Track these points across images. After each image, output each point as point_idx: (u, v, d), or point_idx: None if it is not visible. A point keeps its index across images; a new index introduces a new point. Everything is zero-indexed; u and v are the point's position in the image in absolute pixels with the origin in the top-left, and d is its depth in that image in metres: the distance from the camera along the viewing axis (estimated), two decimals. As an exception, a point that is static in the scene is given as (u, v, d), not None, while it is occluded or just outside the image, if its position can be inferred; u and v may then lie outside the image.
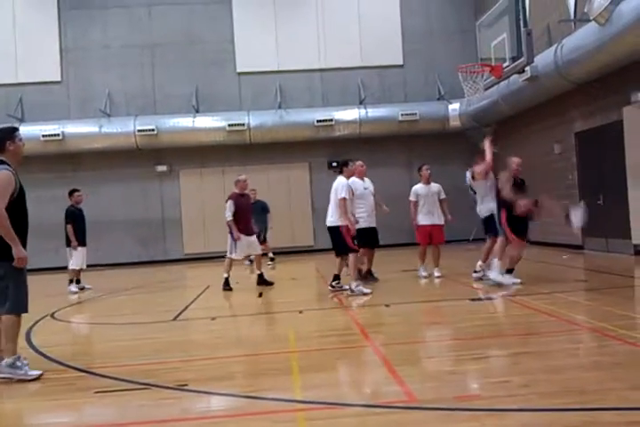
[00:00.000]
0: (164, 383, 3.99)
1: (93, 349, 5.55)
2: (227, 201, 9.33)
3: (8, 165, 4.39)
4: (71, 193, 10.75)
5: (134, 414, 3.49)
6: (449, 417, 3.11)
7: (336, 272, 8.17)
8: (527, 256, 8.62)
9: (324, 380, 3.96)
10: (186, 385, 3.92)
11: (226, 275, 9.10)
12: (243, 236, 9.13)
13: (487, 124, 15.45)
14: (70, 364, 4.70)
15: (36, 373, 4.29)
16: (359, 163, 8.78)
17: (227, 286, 9.03)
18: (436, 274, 9.02)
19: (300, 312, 6.65)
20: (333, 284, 8.10)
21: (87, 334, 6.68)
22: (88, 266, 10.81)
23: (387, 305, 6.76)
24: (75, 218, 10.42)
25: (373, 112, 16.68)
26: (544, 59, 11.08)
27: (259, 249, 9.55)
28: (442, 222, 9.21)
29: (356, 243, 7.90)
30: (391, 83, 17.60)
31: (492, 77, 11.16)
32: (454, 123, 16.40)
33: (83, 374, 4.42)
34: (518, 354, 4.37)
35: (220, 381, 4.05)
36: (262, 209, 13.29)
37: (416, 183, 9.69)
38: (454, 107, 16.29)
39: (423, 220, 9.16)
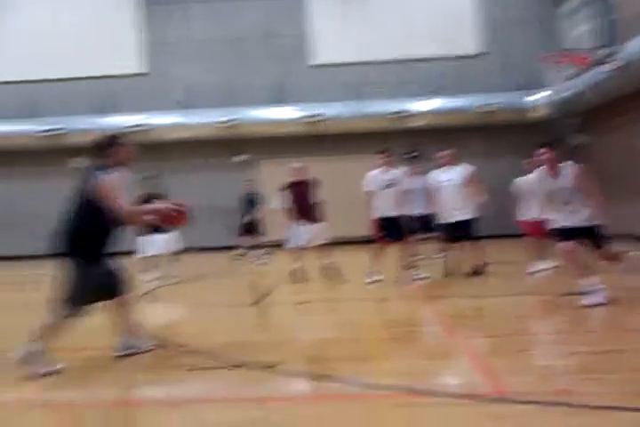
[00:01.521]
0: (253, 363, 4.13)
1: (186, 328, 5.79)
2: (280, 190, 9.29)
3: (109, 168, 4.46)
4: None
5: (225, 392, 3.64)
6: (539, 412, 3.06)
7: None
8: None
9: (409, 368, 3.99)
10: (274, 366, 4.05)
11: (294, 266, 9.01)
12: (302, 223, 8.99)
13: (571, 115, 14.92)
14: (164, 342, 4.93)
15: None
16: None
17: (296, 277, 8.91)
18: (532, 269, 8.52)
19: (384, 300, 6.69)
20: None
21: (180, 313, 6.95)
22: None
23: (474, 297, 6.68)
24: None
25: (449, 103, 16.43)
26: (634, 46, 10.58)
27: (322, 238, 9.25)
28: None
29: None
30: (468, 73, 17.24)
31: (577, 66, 10.78)
32: (534, 113, 15.92)
33: (175, 351, 4.64)
34: (614, 351, 4.25)
35: (308, 363, 4.17)
36: (251, 201, 13.46)
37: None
38: (535, 97, 15.81)
39: (525, 214, 8.72)
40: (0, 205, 18.39)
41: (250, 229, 12.93)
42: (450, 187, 8.51)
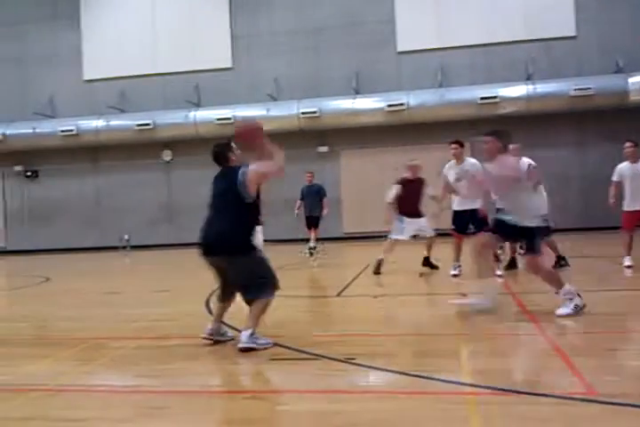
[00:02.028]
0: (333, 355, 4.14)
1: (266, 318, 5.86)
2: (394, 184, 9.33)
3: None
4: None
5: (307, 383, 3.67)
6: (632, 414, 2.89)
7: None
8: None
9: (493, 365, 3.86)
10: (354, 359, 4.03)
11: (381, 257, 8.99)
12: (407, 218, 9.04)
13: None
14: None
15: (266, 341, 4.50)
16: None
17: (378, 268, 8.82)
18: (626, 263, 8.06)
19: (464, 295, 6.53)
20: None
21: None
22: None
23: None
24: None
25: (542, 88, 15.73)
26: None
27: (430, 231, 9.21)
28: None
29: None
30: (562, 56, 16.44)
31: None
32: (636, 97, 14.96)
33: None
34: None
35: (387, 357, 4.12)
36: (317, 193, 12.90)
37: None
38: (636, 80, 14.84)
39: (628, 205, 8.17)
40: (91, 199, 19.43)
41: (314, 221, 12.67)
42: None
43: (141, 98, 18.66)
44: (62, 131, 18.18)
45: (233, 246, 4.45)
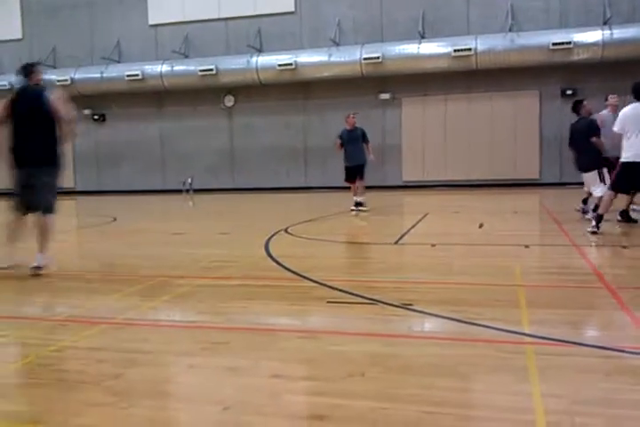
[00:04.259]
0: (390, 301, 4.17)
1: (323, 263, 5.95)
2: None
3: None
4: None
5: (362, 326, 3.72)
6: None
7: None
8: None
9: (554, 317, 3.80)
10: (411, 305, 4.05)
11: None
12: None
13: None
14: (304, 274, 5.14)
15: None
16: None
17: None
18: None
19: (527, 246, 6.41)
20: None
21: (317, 249, 7.12)
22: (314, 188, 11.45)
23: (624, 246, 6.20)
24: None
25: (620, 33, 14.77)
26: None
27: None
28: None
29: None
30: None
31: None
32: None
33: (315, 284, 4.80)
34: None
35: (445, 305, 4.11)
36: (362, 138, 11.21)
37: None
38: None
39: None
40: (155, 143, 19.85)
41: (360, 171, 11.15)
42: None
43: (205, 43, 18.63)
44: (128, 75, 18.44)
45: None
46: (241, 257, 6.30)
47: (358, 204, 10.94)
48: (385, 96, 17.40)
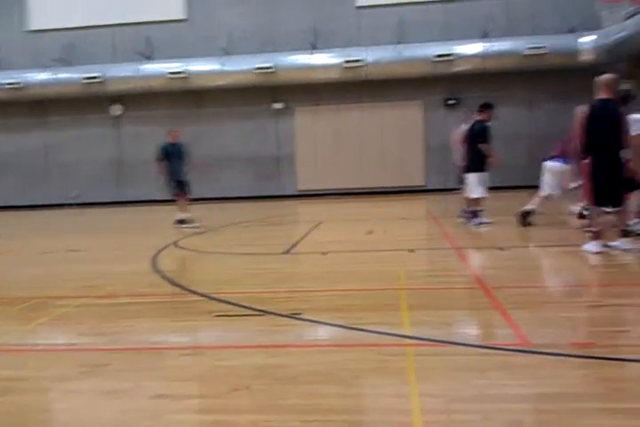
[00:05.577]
0: (279, 311, 4.19)
1: (212, 276, 5.89)
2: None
3: None
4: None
5: (250, 339, 3.71)
6: (562, 363, 3.03)
7: None
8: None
9: (433, 318, 3.98)
10: (300, 314, 4.09)
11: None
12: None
13: (622, 60, 14.15)
14: (191, 289, 5.05)
15: None
16: None
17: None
18: None
19: (411, 251, 6.66)
20: None
21: (207, 262, 7.06)
22: (207, 199, 11.31)
23: (500, 248, 6.60)
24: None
25: (498, 46, 15.74)
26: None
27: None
28: None
29: None
30: (517, 14, 16.45)
31: (634, 5, 10.12)
32: (586, 57, 15.16)
33: (203, 298, 4.73)
34: (641, 305, 4.15)
35: (333, 312, 4.19)
36: (183, 152, 10.88)
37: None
38: (587, 39, 15.00)
39: None
40: (37, 154, 18.80)
41: (183, 185, 10.68)
42: None
43: (90, 50, 17.92)
44: (8, 84, 17.37)
45: None
46: (127, 273, 6.09)
47: (182, 221, 10.45)
48: (278, 106, 17.51)
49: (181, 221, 10.38)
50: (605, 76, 6.00)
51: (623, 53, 13.95)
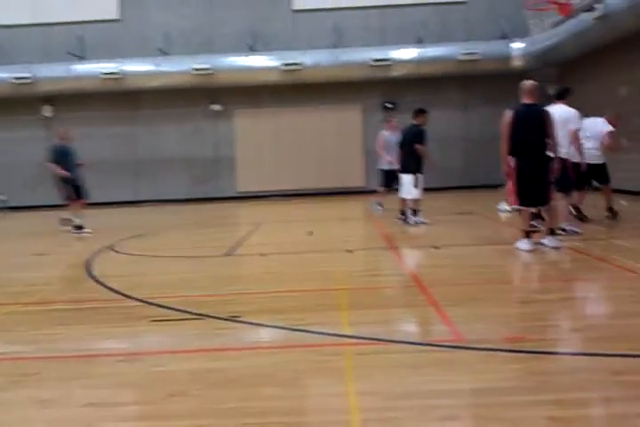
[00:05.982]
0: (218, 314, 4.14)
1: (149, 280, 5.76)
2: None
3: None
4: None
5: (187, 343, 3.66)
6: (494, 358, 3.12)
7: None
8: (586, 201, 8.36)
9: (371, 317, 4.02)
10: (239, 317, 4.06)
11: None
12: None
13: (552, 65, 14.76)
14: (128, 293, 4.92)
15: None
16: None
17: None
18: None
19: (350, 251, 6.72)
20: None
21: (144, 266, 6.89)
22: (144, 201, 11.08)
23: (436, 247, 6.75)
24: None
25: (432, 51, 16.06)
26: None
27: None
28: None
29: None
30: (452, 21, 16.85)
31: (560, 15, 10.58)
32: (517, 63, 15.68)
33: (140, 303, 4.63)
34: (569, 299, 4.33)
35: (272, 314, 4.18)
36: (74, 154, 10.47)
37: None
38: (517, 46, 15.55)
39: None
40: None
41: (79, 189, 10.33)
42: None
43: (19, 49, 17.21)
44: None
45: None
46: (58, 279, 5.90)
47: (80, 227, 10.11)
48: (217, 107, 17.30)
49: (79, 227, 10.00)
50: (528, 82, 6.28)
51: (551, 59, 14.54)
